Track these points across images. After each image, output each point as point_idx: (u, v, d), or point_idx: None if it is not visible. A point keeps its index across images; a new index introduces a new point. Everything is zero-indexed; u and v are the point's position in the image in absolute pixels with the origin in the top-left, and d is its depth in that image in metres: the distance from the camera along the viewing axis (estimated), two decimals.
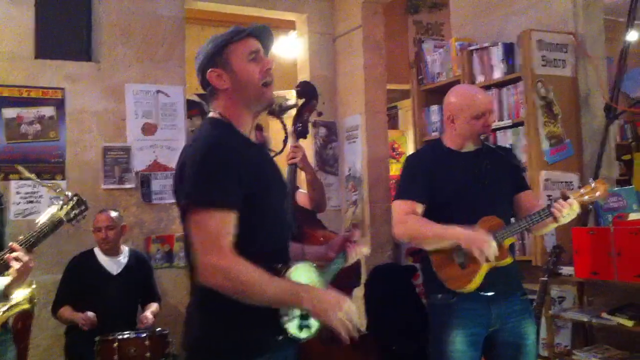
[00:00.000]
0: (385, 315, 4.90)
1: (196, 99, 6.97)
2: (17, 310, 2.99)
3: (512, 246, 2.93)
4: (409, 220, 2.87)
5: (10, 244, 2.72)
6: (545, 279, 3.56)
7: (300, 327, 1.97)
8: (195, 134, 2.13)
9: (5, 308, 2.94)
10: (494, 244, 2.67)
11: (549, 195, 3.74)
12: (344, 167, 5.87)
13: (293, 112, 3.56)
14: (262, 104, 2.11)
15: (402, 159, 6.83)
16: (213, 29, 7.26)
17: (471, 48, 4.34)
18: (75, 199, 2.97)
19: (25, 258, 2.66)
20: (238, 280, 1.85)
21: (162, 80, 5.24)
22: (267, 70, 2.08)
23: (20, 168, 3.40)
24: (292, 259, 2.09)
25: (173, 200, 5.27)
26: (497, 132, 4.08)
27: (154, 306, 4.44)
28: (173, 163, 5.13)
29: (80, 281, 4.33)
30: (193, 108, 6.71)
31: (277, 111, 2.17)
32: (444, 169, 2.93)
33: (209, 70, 2.06)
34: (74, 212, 2.94)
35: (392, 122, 7.27)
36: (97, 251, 4.43)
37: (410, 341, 4.72)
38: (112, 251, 4.42)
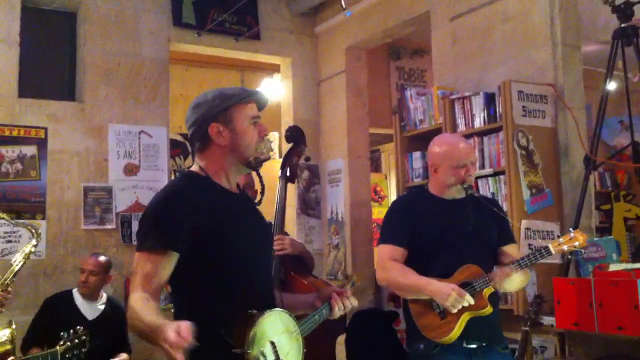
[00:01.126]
0: None
1: (179, 138, 6.98)
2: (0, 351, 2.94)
3: (495, 297, 2.91)
4: (390, 266, 2.88)
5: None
6: (527, 328, 3.56)
7: None
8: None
9: None
10: (461, 295, 2.67)
11: (529, 245, 3.77)
12: (327, 210, 5.88)
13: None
14: (249, 166, 2.19)
15: (385, 202, 6.86)
16: (197, 70, 7.35)
17: (453, 97, 4.40)
18: (83, 338, 2.92)
19: None
20: (129, 315, 1.96)
21: (145, 121, 5.25)
22: (264, 137, 2.18)
23: None
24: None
25: None
26: (479, 180, 4.11)
27: (123, 356, 4.36)
28: None
29: (54, 322, 4.23)
30: (176, 147, 6.72)
31: (254, 164, 2.20)
32: (428, 215, 2.95)
33: (211, 124, 2.12)
34: (73, 352, 2.90)
35: (375, 165, 7.32)
36: (76, 293, 4.35)
37: None
38: (91, 296, 4.34)
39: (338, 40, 5.93)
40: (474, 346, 2.78)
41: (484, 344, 2.81)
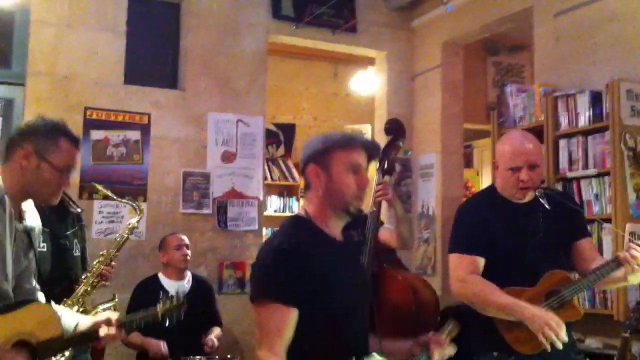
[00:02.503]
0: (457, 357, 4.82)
1: (273, 128, 7.12)
2: None
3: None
4: (470, 281, 2.72)
5: (110, 318, 2.64)
6: (627, 335, 3.44)
7: None
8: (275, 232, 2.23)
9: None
10: (561, 327, 2.52)
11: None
12: (417, 204, 5.86)
13: None
14: (349, 213, 2.13)
15: None
16: (292, 61, 7.45)
17: (556, 94, 4.30)
18: (179, 301, 2.95)
19: (115, 336, 2.61)
20: None
21: (243, 110, 5.37)
22: (363, 187, 2.12)
23: (98, 186, 3.54)
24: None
25: (247, 228, 5.39)
26: (581, 180, 4.01)
27: (217, 330, 4.49)
28: (249, 191, 5.30)
29: (145, 306, 4.39)
30: (270, 137, 6.85)
31: (352, 212, 2.17)
32: (499, 221, 2.78)
33: (309, 166, 2.13)
34: (171, 313, 2.93)
35: (467, 161, 7.22)
36: (162, 276, 4.49)
37: None
38: (177, 275, 4.48)
39: (434, 35, 5.88)
40: (548, 354, 2.61)
41: (559, 353, 2.62)
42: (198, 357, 4.02)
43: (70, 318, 2.62)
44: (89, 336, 2.56)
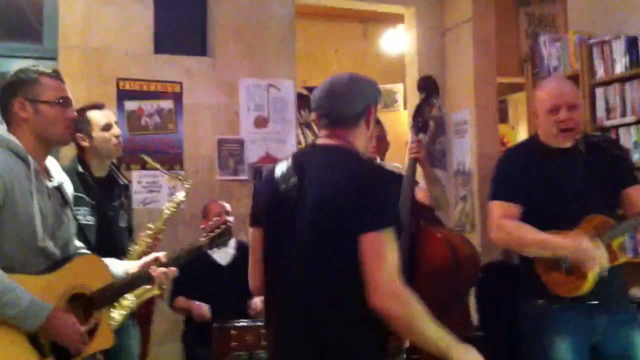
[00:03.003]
0: (497, 315, 4.83)
1: (304, 92, 7.09)
2: (148, 295, 3.14)
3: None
4: (507, 225, 2.74)
5: (158, 256, 2.76)
6: None
7: None
8: (339, 164, 2.11)
9: (136, 294, 3.09)
10: (603, 253, 2.53)
11: None
12: (453, 162, 5.82)
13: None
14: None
15: None
16: (320, 24, 7.38)
17: (591, 42, 4.21)
18: (223, 227, 3.00)
19: (167, 273, 2.73)
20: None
21: (273, 75, 5.35)
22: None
23: (146, 158, 3.57)
24: None
25: None
26: (619, 128, 3.95)
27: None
28: (284, 155, 5.27)
29: (191, 272, 4.46)
30: (300, 101, 6.83)
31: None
32: (540, 168, 2.77)
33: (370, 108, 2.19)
34: (216, 242, 2.99)
35: (501, 116, 7.12)
36: None
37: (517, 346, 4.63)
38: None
39: None
40: (596, 302, 2.63)
41: (606, 301, 2.65)
42: (244, 320, 4.10)
43: (118, 266, 2.71)
44: (141, 278, 2.65)
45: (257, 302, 4.43)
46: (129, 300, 3.10)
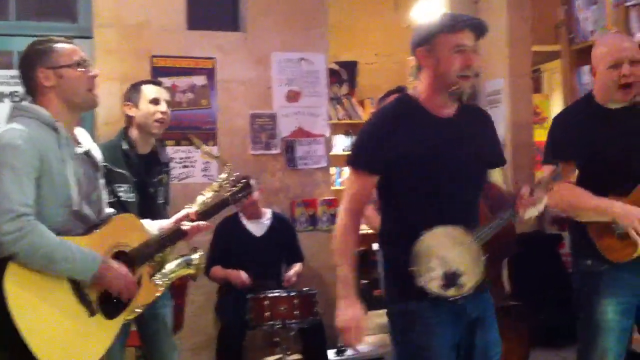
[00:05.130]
0: (531, 285, 4.81)
1: (335, 67, 7.07)
2: (185, 273, 3.19)
3: None
4: (561, 189, 2.69)
5: (189, 212, 2.92)
6: None
7: (445, 286, 2.18)
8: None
9: (171, 271, 3.14)
10: None
11: None
12: None
13: None
14: (453, 92, 2.27)
15: (546, 124, 6.59)
16: None
17: (628, 3, 4.13)
18: (244, 181, 3.13)
19: (203, 224, 2.93)
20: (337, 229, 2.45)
21: (305, 49, 5.35)
22: (467, 65, 2.23)
23: (195, 139, 3.61)
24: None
25: (317, 166, 5.42)
26: None
27: (297, 266, 4.62)
28: (316, 129, 5.33)
29: (227, 244, 4.56)
30: (333, 76, 6.82)
31: (453, 93, 2.30)
32: (596, 126, 2.75)
33: (418, 49, 2.29)
34: (239, 194, 3.11)
35: (535, 85, 7.01)
36: (241, 215, 4.64)
37: (557, 311, 4.61)
38: (254, 216, 4.61)
39: None
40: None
41: None
42: (277, 290, 4.16)
43: (152, 225, 2.85)
44: (176, 234, 2.82)
45: (292, 274, 4.49)
46: (166, 277, 3.13)
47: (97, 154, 2.63)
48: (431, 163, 2.25)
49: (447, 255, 2.18)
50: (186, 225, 2.86)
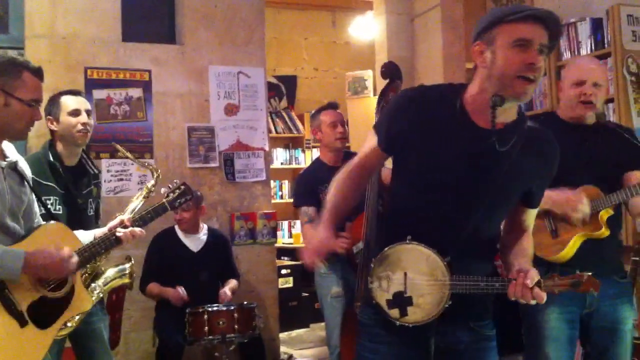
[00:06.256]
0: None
1: (274, 81, 7.09)
2: (119, 283, 3.14)
3: (615, 221, 2.80)
4: None
5: (123, 219, 2.87)
6: (637, 258, 3.48)
7: (390, 303, 1.97)
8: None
9: (105, 281, 3.10)
10: (587, 203, 2.61)
11: None
12: None
13: None
14: (509, 95, 1.89)
15: None
16: (289, 12, 7.39)
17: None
18: (183, 188, 3.10)
19: (138, 231, 2.87)
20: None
21: (243, 62, 5.34)
22: (530, 65, 1.86)
23: (118, 147, 3.54)
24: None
25: (255, 179, 5.38)
26: None
27: (232, 282, 4.57)
28: (254, 143, 5.31)
29: (163, 258, 4.49)
30: (270, 90, 6.81)
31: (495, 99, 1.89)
32: (561, 143, 2.78)
33: (475, 43, 1.96)
34: (178, 200, 3.08)
35: None
36: (178, 229, 4.58)
37: (503, 318, 4.69)
38: (191, 230, 4.56)
39: None
40: (588, 273, 2.70)
41: (598, 272, 2.68)
42: (216, 305, 4.11)
43: (85, 235, 2.80)
44: (109, 240, 2.77)
45: (227, 291, 4.44)
46: (99, 288, 3.09)
47: (25, 168, 2.56)
48: (445, 176, 1.97)
49: (414, 278, 1.96)
50: (120, 232, 2.81)
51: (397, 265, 1.96)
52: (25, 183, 2.52)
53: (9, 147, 2.50)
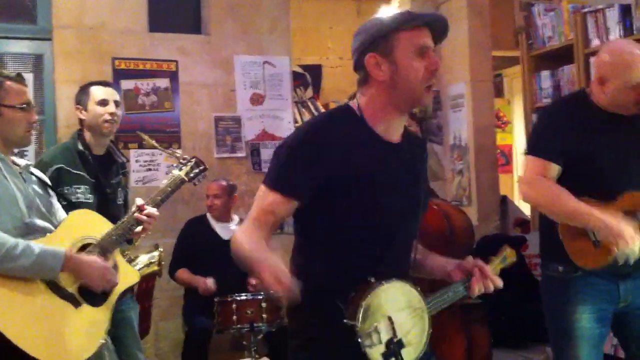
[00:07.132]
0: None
1: (300, 70, 7.07)
2: (149, 271, 3.19)
3: None
4: (539, 183, 2.56)
5: (139, 204, 2.91)
6: None
7: (387, 355, 1.77)
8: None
9: (138, 267, 3.14)
10: (635, 240, 2.35)
11: None
12: (449, 136, 5.83)
13: None
14: (414, 106, 1.88)
15: (508, 128, 6.70)
16: (313, 2, 7.36)
17: (585, 10, 4.22)
18: (193, 160, 3.16)
19: (154, 212, 2.92)
20: (233, 241, 2.00)
21: (268, 52, 5.35)
22: (433, 71, 1.83)
23: (143, 135, 3.57)
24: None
25: None
26: None
27: None
28: (280, 132, 5.31)
29: (194, 244, 4.54)
30: (296, 79, 6.81)
31: (419, 117, 1.95)
32: (591, 130, 2.55)
33: (368, 55, 1.84)
34: (193, 171, 3.14)
35: (497, 90, 7.13)
36: (210, 217, 4.62)
37: (520, 311, 4.68)
38: (222, 218, 4.60)
39: None
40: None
41: (631, 269, 2.52)
42: (244, 294, 4.14)
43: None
44: (130, 222, 2.83)
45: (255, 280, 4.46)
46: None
47: (38, 172, 2.67)
48: (377, 197, 1.86)
49: (397, 318, 1.80)
50: (139, 216, 2.88)
51: (379, 313, 1.79)
52: (47, 185, 2.63)
53: (18, 159, 2.63)
